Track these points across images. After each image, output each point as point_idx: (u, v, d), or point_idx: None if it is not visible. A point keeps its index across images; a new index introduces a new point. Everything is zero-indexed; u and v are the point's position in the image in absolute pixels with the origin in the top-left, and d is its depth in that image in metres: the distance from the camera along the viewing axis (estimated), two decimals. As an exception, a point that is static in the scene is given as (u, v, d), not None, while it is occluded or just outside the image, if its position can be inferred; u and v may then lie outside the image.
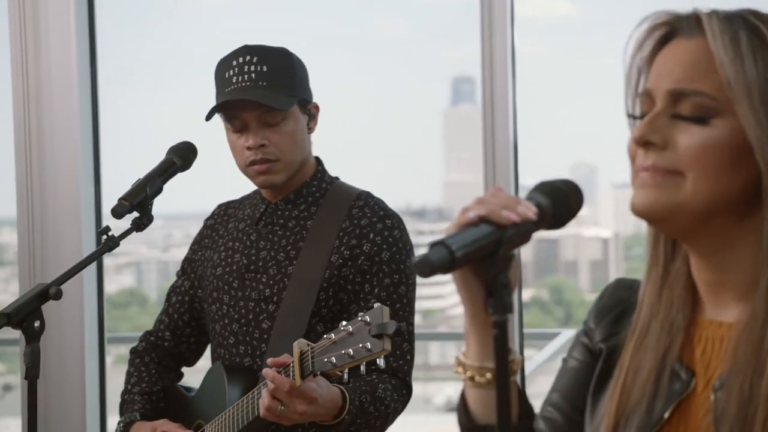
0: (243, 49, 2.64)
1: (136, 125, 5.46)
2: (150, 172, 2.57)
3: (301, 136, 2.64)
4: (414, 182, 11.29)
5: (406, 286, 2.62)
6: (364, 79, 10.07)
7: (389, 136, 11.26)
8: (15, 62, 3.97)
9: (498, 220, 1.31)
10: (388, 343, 2.13)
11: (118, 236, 2.48)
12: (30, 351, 2.32)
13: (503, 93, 3.66)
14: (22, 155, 3.98)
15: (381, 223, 2.62)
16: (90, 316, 3.96)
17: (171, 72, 2.50)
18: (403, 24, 13.08)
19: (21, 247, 3.99)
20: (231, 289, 2.70)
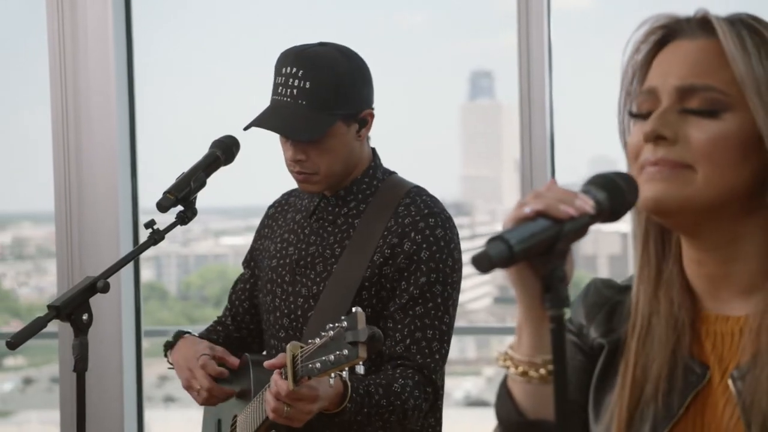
0: (293, 56, 2.60)
1: (172, 119, 5.47)
2: (193, 165, 2.59)
3: (343, 150, 2.62)
4: (431, 176, 11.32)
5: (442, 285, 2.60)
6: (381, 72, 10.09)
7: (407, 130, 11.28)
8: (53, 58, 4.00)
9: (555, 215, 1.31)
10: (363, 351, 2.11)
11: (163, 230, 2.50)
12: (78, 343, 2.34)
13: (540, 87, 3.66)
14: (60, 149, 4.01)
15: (424, 222, 2.60)
16: (127, 308, 3.98)
17: (207, 66, 2.53)
18: (422, 18, 13.07)
19: (59, 241, 4.01)
20: (283, 282, 2.71)
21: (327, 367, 2.17)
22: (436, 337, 2.58)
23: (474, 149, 12.48)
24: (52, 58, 4.02)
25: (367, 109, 2.65)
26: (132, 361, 3.99)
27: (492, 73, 12.26)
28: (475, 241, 12.41)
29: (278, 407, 2.35)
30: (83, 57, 3.99)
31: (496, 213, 12.83)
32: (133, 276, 4.03)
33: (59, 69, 3.99)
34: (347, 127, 2.61)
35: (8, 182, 9.62)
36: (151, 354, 4.26)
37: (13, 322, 11.43)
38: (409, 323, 2.57)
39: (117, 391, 3.96)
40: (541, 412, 1.41)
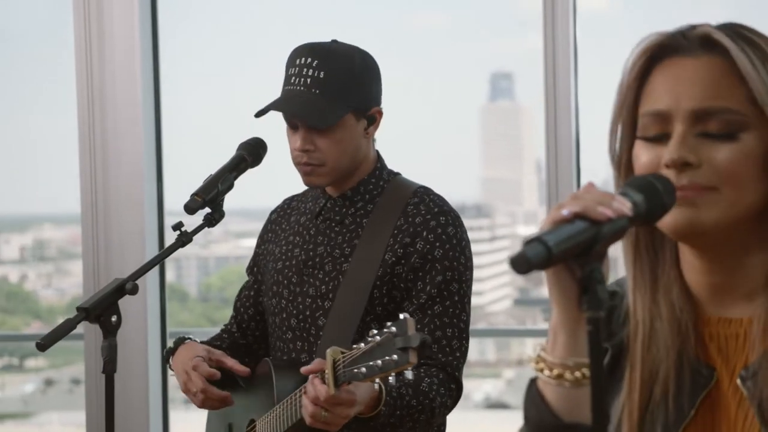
0: (308, 48, 2.63)
1: (197, 121, 5.49)
2: (221, 168, 2.58)
3: (352, 143, 2.63)
4: (452, 178, 11.29)
5: (458, 284, 2.60)
6: (400, 73, 10.08)
7: (427, 131, 11.27)
8: (79, 59, 4.00)
9: (594, 216, 1.31)
10: (414, 357, 2.11)
11: (190, 232, 2.49)
12: (107, 345, 2.35)
13: (565, 88, 3.66)
14: (86, 152, 4.01)
15: (435, 220, 2.61)
16: (153, 310, 3.99)
17: (233, 67, 2.53)
18: (441, 18, 13.06)
19: (85, 243, 4.01)
20: (290, 284, 2.71)
21: (373, 372, 2.16)
22: (455, 335, 2.59)
23: (494, 151, 12.47)
24: (78, 60, 4.02)
25: (376, 106, 2.67)
26: (157, 362, 4.00)
27: (512, 74, 12.27)
28: (495, 243, 12.41)
29: (316, 412, 2.34)
30: (109, 59, 4.00)
31: (516, 215, 12.82)
32: (158, 278, 4.03)
33: (85, 71, 4.00)
34: (357, 122, 2.63)
35: (30, 184, 9.64)
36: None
37: (34, 324, 11.46)
38: (428, 323, 2.57)
39: (142, 393, 3.97)
40: (576, 414, 1.40)
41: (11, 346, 9.12)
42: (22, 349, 9.57)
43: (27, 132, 9.32)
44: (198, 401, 2.66)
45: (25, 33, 7.88)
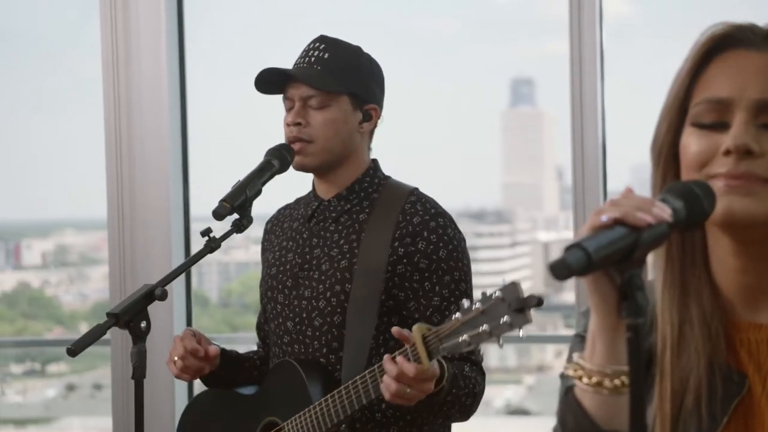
0: (318, 37, 2.72)
1: (224, 126, 5.49)
2: (249, 173, 2.59)
3: (344, 127, 2.67)
4: (472, 184, 11.28)
5: (465, 283, 2.65)
6: (420, 79, 10.07)
7: (447, 137, 11.26)
8: (106, 65, 4.01)
9: (633, 222, 1.30)
10: (531, 316, 2.16)
11: (219, 238, 2.50)
12: (137, 351, 2.35)
13: (592, 94, 3.65)
14: (112, 156, 4.02)
15: (434, 221, 2.64)
16: (179, 316, 4.00)
17: (254, 72, 2.56)
18: (460, 23, 13.04)
19: (111, 248, 4.02)
20: (285, 288, 2.73)
21: (482, 338, 2.19)
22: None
23: (514, 157, 12.46)
24: (105, 66, 4.03)
25: (374, 104, 2.72)
26: (183, 368, 3.98)
27: (533, 80, 12.26)
28: (516, 249, 12.39)
29: (400, 389, 2.36)
30: (135, 63, 4.01)
31: (537, 220, 12.80)
32: (184, 284, 4.04)
33: (112, 77, 4.00)
34: (353, 109, 2.68)
35: (52, 189, 9.66)
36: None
37: (56, 329, 11.49)
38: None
39: (169, 398, 3.97)
40: (615, 422, 1.39)
41: (33, 352, 9.15)
42: (44, 354, 9.60)
43: (50, 137, 9.35)
44: (176, 369, 2.70)
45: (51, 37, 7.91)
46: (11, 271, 11.28)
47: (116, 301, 3.94)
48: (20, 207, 10.84)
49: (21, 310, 11.20)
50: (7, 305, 11.31)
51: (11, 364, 7.51)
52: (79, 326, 11.26)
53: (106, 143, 4.04)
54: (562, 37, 3.74)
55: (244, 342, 7.53)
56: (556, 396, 1.56)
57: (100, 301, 11.37)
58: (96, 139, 4.09)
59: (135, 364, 2.36)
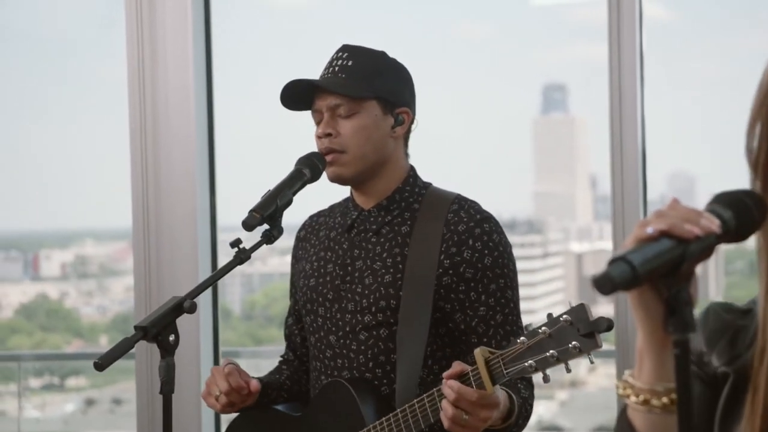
0: (341, 47, 2.72)
1: (252, 134, 5.52)
2: (279, 183, 2.58)
3: (375, 134, 2.66)
4: (503, 192, 11.27)
5: (512, 290, 2.65)
6: (450, 85, 10.06)
7: (477, 144, 11.24)
8: (131, 70, 4.03)
9: (680, 234, 1.29)
10: (601, 340, 2.16)
11: (249, 249, 2.49)
12: (165, 365, 2.35)
13: (632, 100, 3.64)
14: (138, 165, 4.03)
15: (479, 228, 2.64)
16: (205, 329, 4.00)
17: (286, 81, 2.55)
18: (490, 28, 13.02)
19: (136, 259, 4.03)
20: (326, 300, 2.72)
21: (548, 363, 2.20)
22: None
23: (546, 164, 12.43)
24: (131, 73, 4.04)
25: (405, 107, 2.71)
26: (210, 383, 3.99)
27: (565, 85, 12.24)
28: (548, 260, 12.35)
29: (457, 415, 2.35)
30: (162, 72, 4.01)
31: (569, 230, 12.75)
32: (211, 297, 4.04)
33: (137, 85, 4.01)
34: (383, 114, 2.68)
35: (71, 199, 9.72)
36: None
37: (75, 342, 11.54)
38: (494, 334, 2.61)
39: (195, 413, 3.97)
40: None
41: (52, 365, 9.19)
42: (63, 368, 9.64)
43: (70, 144, 9.41)
44: (220, 405, 2.68)
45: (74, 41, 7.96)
46: (29, 282, 11.34)
47: (141, 313, 3.96)
48: (39, 216, 10.90)
49: (39, 322, 11.25)
50: (25, 317, 11.36)
51: (29, 378, 7.55)
52: (99, 339, 11.29)
53: (131, 150, 4.04)
54: (595, 41, 3.74)
55: (268, 356, 7.53)
56: (589, 412, 1.56)
57: (120, 314, 11.41)
58: (120, 146, 4.10)
59: (163, 378, 2.35)
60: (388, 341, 2.64)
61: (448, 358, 2.62)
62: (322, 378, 2.73)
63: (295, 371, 2.91)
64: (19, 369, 6.66)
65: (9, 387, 7.21)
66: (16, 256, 11.94)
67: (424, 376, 2.59)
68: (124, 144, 4.07)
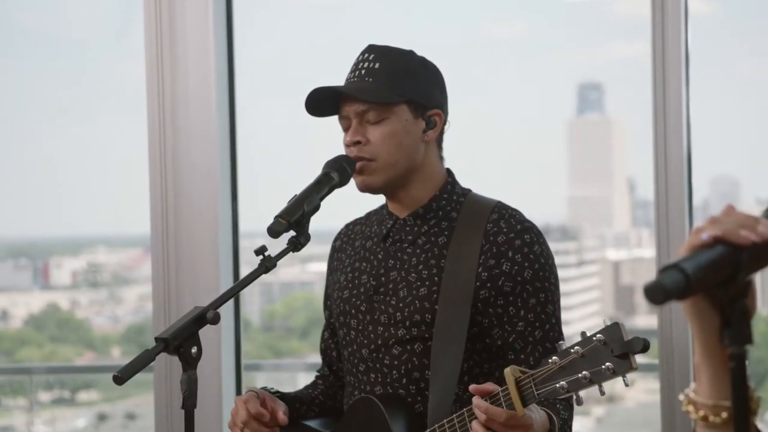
0: (367, 48, 2.71)
1: (276, 136, 5.53)
2: (306, 188, 2.57)
3: (407, 139, 2.65)
4: (535, 197, 11.24)
5: (552, 305, 2.63)
6: (479, 86, 10.06)
7: (508, 147, 11.24)
8: (150, 70, 4.05)
9: (736, 241, 1.30)
10: (635, 361, 2.17)
11: (274, 257, 2.47)
12: (187, 379, 2.34)
13: (677, 99, 3.64)
14: (156, 169, 4.04)
15: (519, 239, 2.63)
16: (227, 341, 4.01)
17: (310, 82, 2.55)
18: (522, 26, 13.02)
19: (155, 268, 4.04)
20: (359, 312, 2.72)
21: (580, 385, 2.21)
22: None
23: (581, 168, 12.40)
24: (149, 74, 4.06)
25: (436, 108, 2.70)
26: (231, 397, 4.00)
27: (601, 85, 12.21)
28: (583, 268, 12.32)
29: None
30: (183, 73, 4.03)
31: (606, 237, 12.72)
32: (233, 307, 4.05)
33: (156, 85, 4.03)
34: (413, 118, 2.67)
35: (83, 204, 9.76)
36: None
37: (86, 354, 11.58)
38: (532, 350, 2.61)
39: (216, 428, 3.98)
40: None
41: (63, 378, 9.22)
42: (74, 381, 9.67)
43: (83, 147, 9.45)
44: None
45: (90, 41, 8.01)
46: (39, 291, 11.39)
47: (159, 323, 3.97)
48: (49, 222, 10.95)
49: (49, 333, 11.29)
50: (34, 328, 11.41)
51: (39, 392, 7.58)
52: (112, 351, 11.32)
53: (149, 152, 4.06)
54: (634, 38, 3.74)
55: (289, 369, 7.55)
56: (627, 429, 1.56)
57: (134, 324, 11.44)
58: (137, 148, 4.11)
59: (185, 393, 2.35)
60: (423, 357, 2.63)
61: (486, 374, 2.62)
62: (355, 393, 2.73)
63: (330, 386, 2.91)
64: (30, 382, 6.69)
65: (18, 401, 7.25)
66: (25, 263, 12.01)
67: (459, 393, 2.59)
68: (141, 146, 4.09)
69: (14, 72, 7.33)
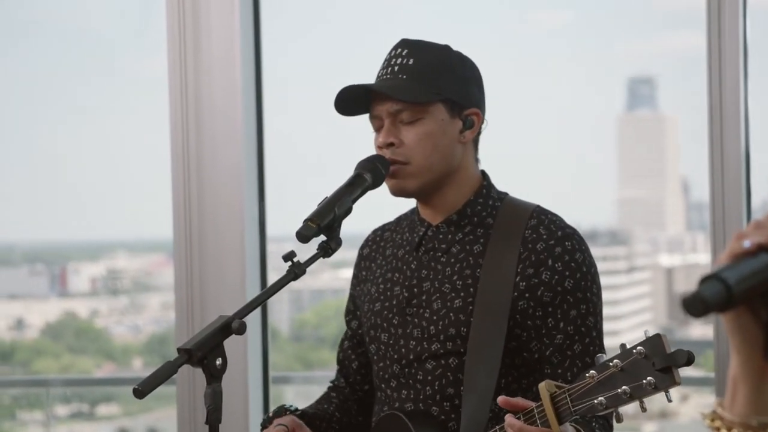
0: (399, 42, 2.71)
1: (305, 135, 5.53)
2: (338, 189, 2.57)
3: (443, 140, 2.65)
4: (582, 199, 11.22)
5: (594, 317, 2.63)
6: (522, 80, 10.02)
7: (553, 145, 11.20)
8: (172, 66, 4.07)
9: None
10: (679, 376, 2.16)
11: (303, 263, 2.47)
12: (212, 392, 2.34)
13: (734, 95, 3.62)
14: (179, 170, 4.06)
15: (559, 246, 2.63)
16: (254, 352, 4.02)
17: (342, 77, 2.55)
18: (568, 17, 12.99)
19: (178, 274, 4.06)
20: (390, 326, 2.73)
21: (620, 401, 2.21)
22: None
23: (632, 168, 12.37)
24: (172, 67, 4.08)
25: (474, 107, 2.69)
26: (258, 412, 4.01)
27: (653, 79, 12.18)
28: (634, 275, 12.29)
29: None
30: (206, 62, 4.04)
31: (658, 242, 12.68)
32: (260, 316, 4.06)
33: (179, 78, 4.05)
34: (450, 118, 2.66)
35: (102, 207, 9.82)
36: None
37: (106, 366, 11.63)
38: (570, 365, 2.61)
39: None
40: None
41: (81, 391, 9.27)
42: (92, 394, 9.72)
43: (102, 148, 9.50)
44: None
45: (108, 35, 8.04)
46: (56, 298, 11.45)
47: (182, 333, 3.99)
48: (66, 226, 11.01)
49: (67, 343, 11.35)
50: (51, 338, 11.47)
51: (56, 405, 7.62)
52: (133, 362, 11.37)
53: (171, 152, 4.08)
54: (689, 29, 3.73)
55: (320, 382, 7.54)
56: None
57: (156, 334, 11.49)
58: (159, 148, 4.12)
59: (209, 407, 2.36)
60: (458, 372, 2.64)
61: (524, 390, 2.62)
62: (385, 409, 2.74)
63: (345, 400, 2.93)
64: (47, 395, 6.73)
65: (34, 415, 7.29)
66: (41, 269, 12.09)
67: (495, 410, 2.58)
68: (163, 145, 4.11)
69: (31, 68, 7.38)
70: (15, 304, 11.94)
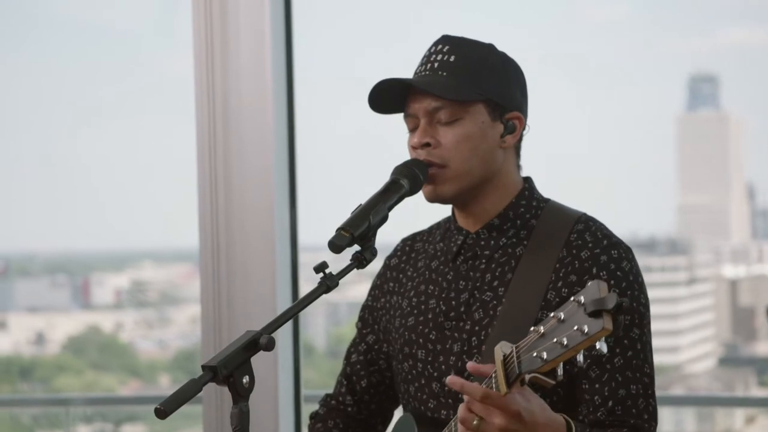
0: (440, 38, 2.72)
1: (338, 139, 5.56)
2: (373, 196, 2.57)
3: (483, 143, 2.65)
4: (640, 206, 11.19)
5: (639, 328, 2.60)
6: (575, 77, 10.03)
7: (608, 149, 11.19)
8: (198, 66, 4.09)
9: None
10: (609, 321, 2.12)
11: (336, 274, 2.46)
12: (238, 411, 2.34)
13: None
14: (205, 176, 4.08)
15: (606, 254, 2.61)
16: (285, 369, 4.03)
17: (376, 79, 2.57)
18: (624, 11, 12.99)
19: (204, 286, 4.07)
20: (427, 342, 2.71)
21: (557, 353, 2.17)
22: (640, 392, 2.58)
23: (693, 172, 12.33)
24: (198, 67, 4.10)
25: (516, 111, 2.69)
26: (290, 430, 4.04)
27: (717, 77, 12.13)
28: (695, 287, 12.25)
29: (467, 417, 2.35)
30: (234, 63, 4.06)
31: (722, 251, 12.63)
32: (291, 330, 4.06)
33: (205, 79, 4.07)
34: (490, 120, 2.66)
35: (127, 215, 9.88)
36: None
37: (131, 383, 11.68)
38: (608, 380, 2.57)
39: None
40: None
41: (104, 411, 9.33)
42: (116, 413, 9.79)
43: (126, 154, 9.56)
44: None
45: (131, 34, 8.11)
46: (79, 311, 11.51)
47: (209, 349, 4.01)
48: (89, 235, 11.05)
49: (90, 359, 11.40)
50: (73, 353, 11.52)
51: (78, 425, 7.67)
52: (159, 379, 11.43)
53: (197, 159, 4.09)
54: (755, 21, 3.72)
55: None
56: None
57: (183, 349, 11.54)
58: (185, 154, 4.14)
59: (236, 427, 2.36)
60: None
61: (569, 410, 2.57)
62: (427, 416, 2.72)
63: (350, 419, 2.92)
64: (67, 415, 6.79)
65: (55, 435, 7.35)
66: (63, 281, 12.20)
67: None
68: (189, 151, 4.13)
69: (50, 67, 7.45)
70: (35, 317, 12.03)
